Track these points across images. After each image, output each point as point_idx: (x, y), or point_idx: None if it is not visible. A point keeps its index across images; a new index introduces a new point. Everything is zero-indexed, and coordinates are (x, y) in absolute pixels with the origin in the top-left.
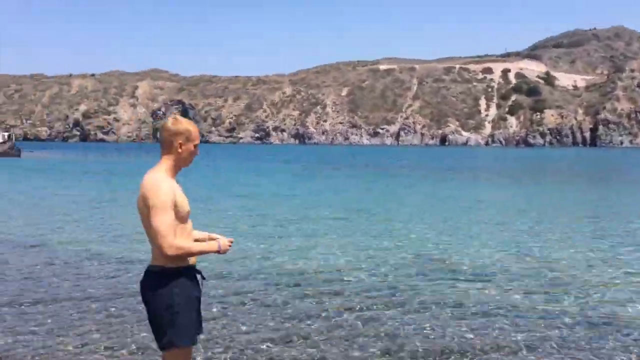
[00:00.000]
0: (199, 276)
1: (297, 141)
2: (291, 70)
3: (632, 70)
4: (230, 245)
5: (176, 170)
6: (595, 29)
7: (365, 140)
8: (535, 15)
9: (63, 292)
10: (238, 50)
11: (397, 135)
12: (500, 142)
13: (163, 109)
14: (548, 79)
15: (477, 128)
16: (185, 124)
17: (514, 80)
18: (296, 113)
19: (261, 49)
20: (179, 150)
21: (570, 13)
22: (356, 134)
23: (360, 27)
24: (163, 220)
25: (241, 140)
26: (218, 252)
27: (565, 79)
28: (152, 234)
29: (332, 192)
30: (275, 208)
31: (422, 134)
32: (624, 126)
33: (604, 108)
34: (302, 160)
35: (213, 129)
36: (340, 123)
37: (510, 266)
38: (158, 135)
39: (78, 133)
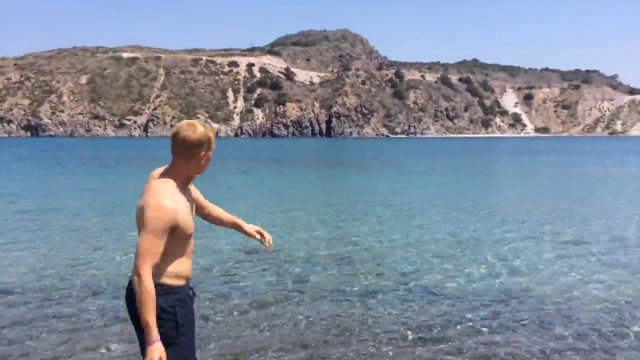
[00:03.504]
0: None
1: (28, 133)
2: (16, 54)
3: (357, 69)
4: None
5: (190, 180)
6: (325, 30)
7: (111, 132)
8: (275, 15)
9: None
10: None
11: (146, 127)
12: (249, 133)
13: None
14: (288, 74)
15: (227, 120)
16: (205, 131)
17: (258, 75)
18: (26, 102)
19: None
20: (201, 161)
21: (305, 14)
22: (99, 126)
23: (102, 12)
24: (150, 243)
25: None
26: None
27: (302, 75)
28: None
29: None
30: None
31: (172, 126)
32: (352, 119)
33: (336, 102)
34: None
35: None
36: (81, 114)
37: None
38: (173, 142)
39: None
